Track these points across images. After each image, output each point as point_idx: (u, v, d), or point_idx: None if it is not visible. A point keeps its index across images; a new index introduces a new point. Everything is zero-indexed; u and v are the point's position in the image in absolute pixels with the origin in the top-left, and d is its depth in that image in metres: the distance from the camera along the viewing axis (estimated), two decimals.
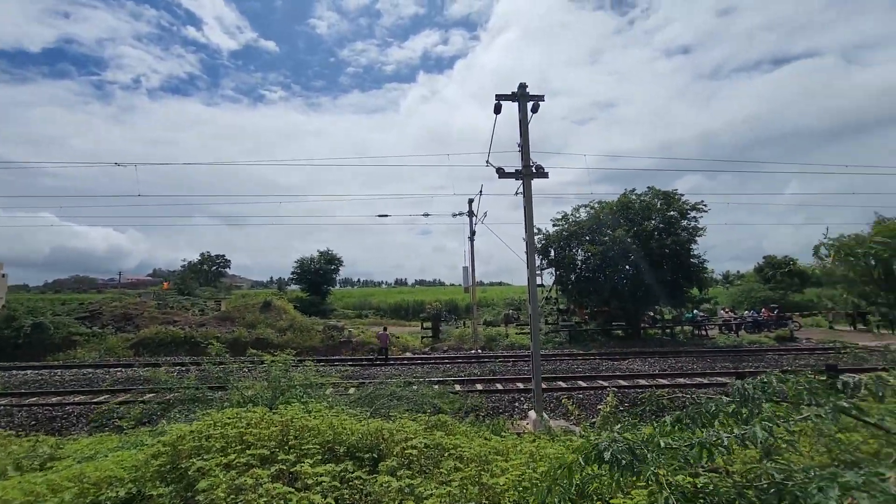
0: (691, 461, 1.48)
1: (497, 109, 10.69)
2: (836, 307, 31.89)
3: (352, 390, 11.51)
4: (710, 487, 1.64)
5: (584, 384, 13.82)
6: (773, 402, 1.84)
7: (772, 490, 1.32)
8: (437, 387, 11.85)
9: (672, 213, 25.30)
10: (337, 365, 17.86)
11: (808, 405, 1.61)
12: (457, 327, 31.96)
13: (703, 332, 27.26)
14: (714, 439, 1.44)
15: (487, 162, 11.62)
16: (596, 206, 27.08)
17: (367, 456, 3.71)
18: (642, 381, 13.96)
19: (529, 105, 10.44)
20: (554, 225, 27.71)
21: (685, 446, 1.47)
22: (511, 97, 10.51)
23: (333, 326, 25.57)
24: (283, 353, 9.14)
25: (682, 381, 14.05)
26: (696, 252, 25.34)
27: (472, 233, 25.45)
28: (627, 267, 24.89)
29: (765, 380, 1.92)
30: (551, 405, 11.74)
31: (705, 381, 13.91)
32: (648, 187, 26.68)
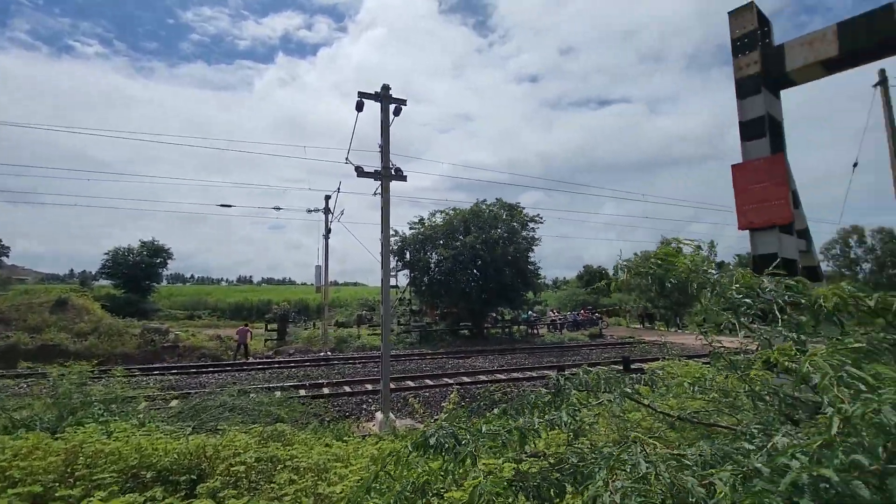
0: (509, 445, 1.64)
1: (359, 107, 10.49)
2: (632, 309, 39.42)
3: (174, 403, 10.01)
4: (528, 472, 1.83)
5: (431, 382, 14.38)
6: (580, 391, 2.16)
7: (570, 471, 1.53)
8: (278, 393, 11.04)
9: (515, 223, 28.10)
10: (157, 374, 15.39)
11: (603, 392, 1.93)
12: (306, 329, 30.40)
13: (535, 331, 30.90)
14: (529, 425, 1.63)
15: (347, 159, 11.32)
16: (450, 212, 28.60)
17: (184, 479, 3.24)
18: (483, 377, 15.11)
19: (392, 107, 10.47)
20: (410, 228, 28.56)
21: (504, 431, 1.63)
22: (374, 97, 10.41)
23: (155, 329, 21.96)
24: (81, 362, 7.56)
25: (516, 375, 15.65)
26: (532, 260, 28.61)
27: (328, 230, 24.54)
28: (475, 271, 26.81)
29: (575, 372, 2.24)
30: (399, 405, 11.92)
31: (535, 374, 15.73)
32: (497, 199, 29.22)
